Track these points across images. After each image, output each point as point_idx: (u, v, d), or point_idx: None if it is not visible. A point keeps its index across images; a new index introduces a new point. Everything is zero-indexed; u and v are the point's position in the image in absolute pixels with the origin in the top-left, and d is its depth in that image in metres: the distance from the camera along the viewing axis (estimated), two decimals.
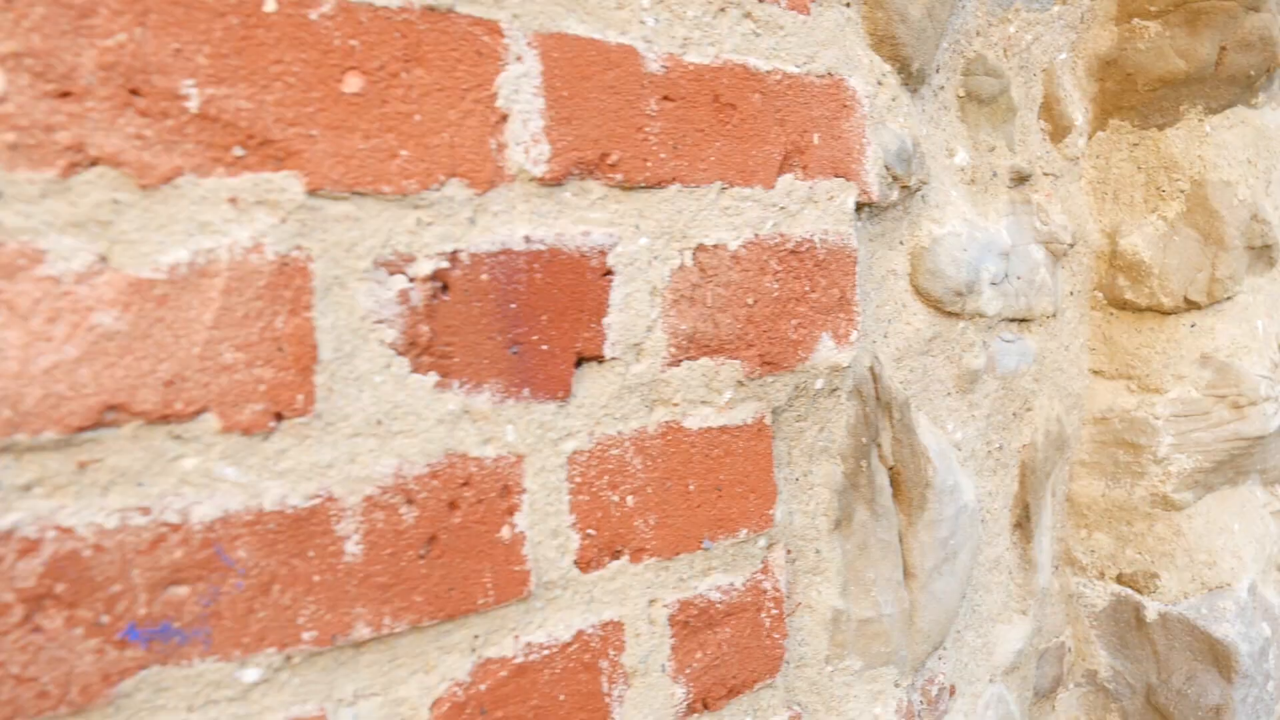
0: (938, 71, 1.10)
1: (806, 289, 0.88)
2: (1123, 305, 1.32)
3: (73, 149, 0.52)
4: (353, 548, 0.63)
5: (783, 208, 0.85)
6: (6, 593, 0.51)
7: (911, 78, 1.00)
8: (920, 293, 1.05)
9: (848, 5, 0.92)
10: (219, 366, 0.57)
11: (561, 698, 0.74)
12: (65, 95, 0.52)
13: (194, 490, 0.57)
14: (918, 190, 1.02)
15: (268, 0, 0.58)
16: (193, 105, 0.56)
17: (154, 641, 0.56)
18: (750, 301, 0.83)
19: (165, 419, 0.55)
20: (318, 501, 0.61)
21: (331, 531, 0.62)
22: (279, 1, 0.58)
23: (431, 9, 0.64)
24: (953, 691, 1.15)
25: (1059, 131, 1.28)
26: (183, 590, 0.57)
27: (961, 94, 1.14)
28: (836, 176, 0.90)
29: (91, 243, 0.53)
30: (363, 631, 0.63)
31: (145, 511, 0.55)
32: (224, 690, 0.58)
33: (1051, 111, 1.27)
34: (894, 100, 0.98)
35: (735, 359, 0.83)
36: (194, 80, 0.55)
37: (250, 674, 0.59)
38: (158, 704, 0.56)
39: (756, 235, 0.84)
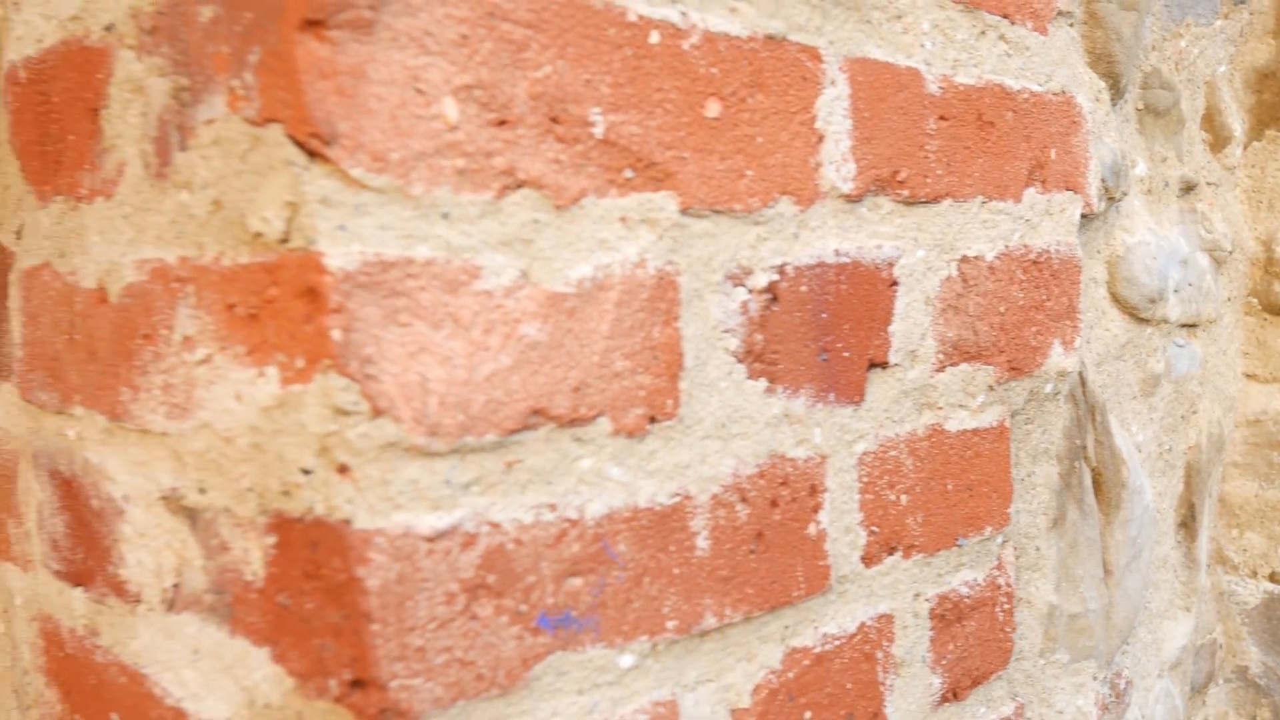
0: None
1: (1044, 297, 0.92)
2: (1278, 311, 1.36)
3: (505, 173, 0.57)
4: (702, 543, 0.67)
5: (1027, 220, 0.89)
6: (452, 583, 0.55)
7: (1118, 93, 1.04)
8: (1117, 300, 1.09)
9: (1071, 25, 0.96)
10: (612, 374, 0.61)
11: (848, 686, 0.78)
12: (502, 124, 0.56)
13: (589, 489, 0.61)
14: (1118, 201, 1.06)
15: (653, 33, 0.62)
16: (598, 131, 0.60)
17: (559, 629, 0.60)
18: (1002, 310, 0.87)
19: (572, 423, 0.60)
20: (678, 500, 0.65)
21: (687, 527, 0.66)
22: (661, 33, 0.62)
23: (771, 37, 0.68)
24: (1131, 685, 1.19)
25: (1219, 142, 1.32)
26: (578, 581, 0.61)
27: (1140, 107, 1.18)
28: (1067, 190, 0.94)
29: (516, 259, 0.57)
30: (710, 621, 0.67)
31: (553, 508, 0.59)
32: (606, 675, 0.63)
33: (1212, 122, 1.31)
34: (1107, 115, 1.02)
35: (989, 365, 0.87)
36: (600, 108, 0.60)
37: (626, 660, 0.63)
38: (556, 687, 0.60)
39: (1007, 246, 0.88)
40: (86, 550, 0.73)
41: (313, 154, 0.52)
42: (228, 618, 0.61)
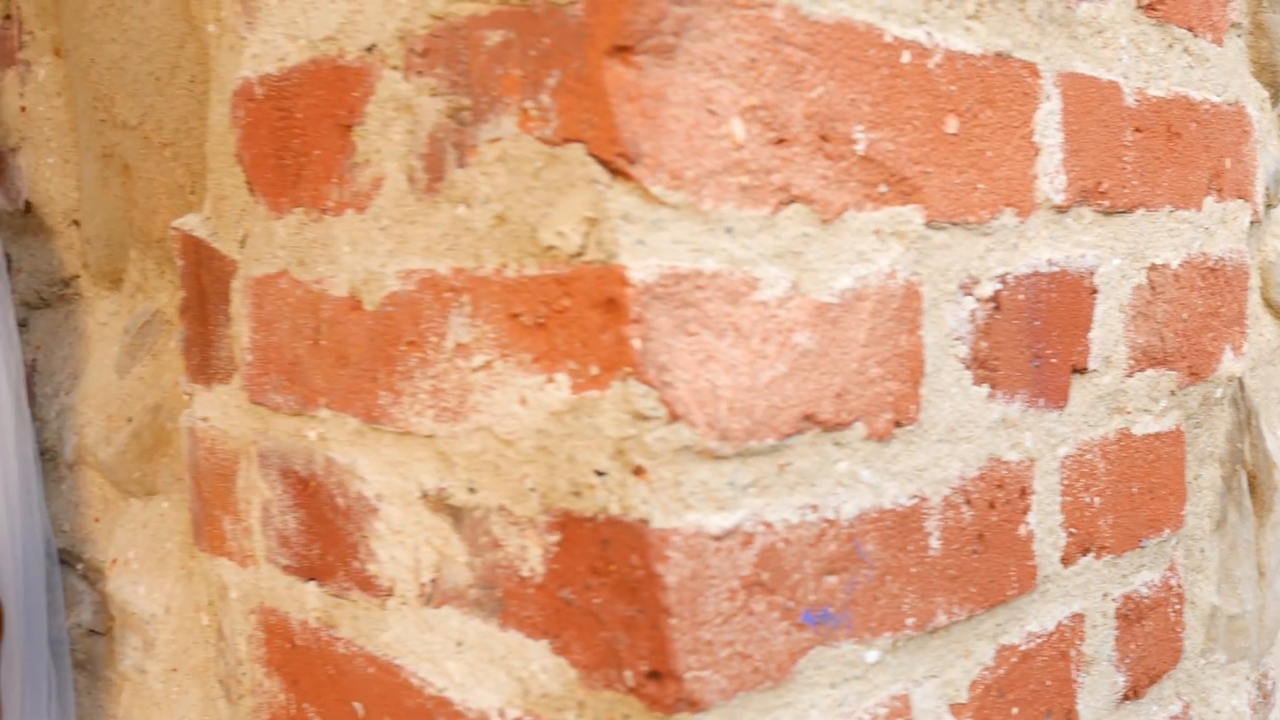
0: None
1: (1218, 304, 0.94)
2: None
3: (781, 189, 0.59)
4: (934, 543, 0.69)
5: (1205, 228, 0.91)
6: (734, 579, 0.58)
7: (1276, 101, 1.06)
8: (1270, 305, 1.10)
9: (1239, 36, 0.98)
10: (867, 380, 0.64)
11: (1048, 683, 0.81)
12: (781, 142, 0.59)
13: (844, 490, 0.64)
14: (1274, 208, 1.08)
15: (904, 53, 0.64)
16: (860, 148, 0.62)
17: (819, 625, 0.63)
18: (1184, 316, 0.89)
19: (834, 427, 0.62)
20: (916, 501, 0.68)
21: (922, 528, 0.68)
22: (911, 53, 0.65)
23: (1000, 54, 0.71)
24: (1276, 686, 1.21)
25: None
26: (834, 579, 0.63)
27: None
28: (1238, 198, 0.96)
29: (787, 271, 0.60)
30: (941, 619, 0.70)
31: (814, 509, 0.62)
32: (853, 669, 0.65)
33: None
34: (1269, 124, 1.04)
35: (1172, 370, 0.89)
36: (862, 126, 0.62)
37: (871, 655, 0.66)
38: (814, 681, 0.63)
39: (1189, 254, 0.90)
40: (324, 546, 0.77)
41: (615, 172, 0.55)
42: (497, 611, 0.64)
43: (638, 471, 0.56)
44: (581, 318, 0.57)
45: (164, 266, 1.09)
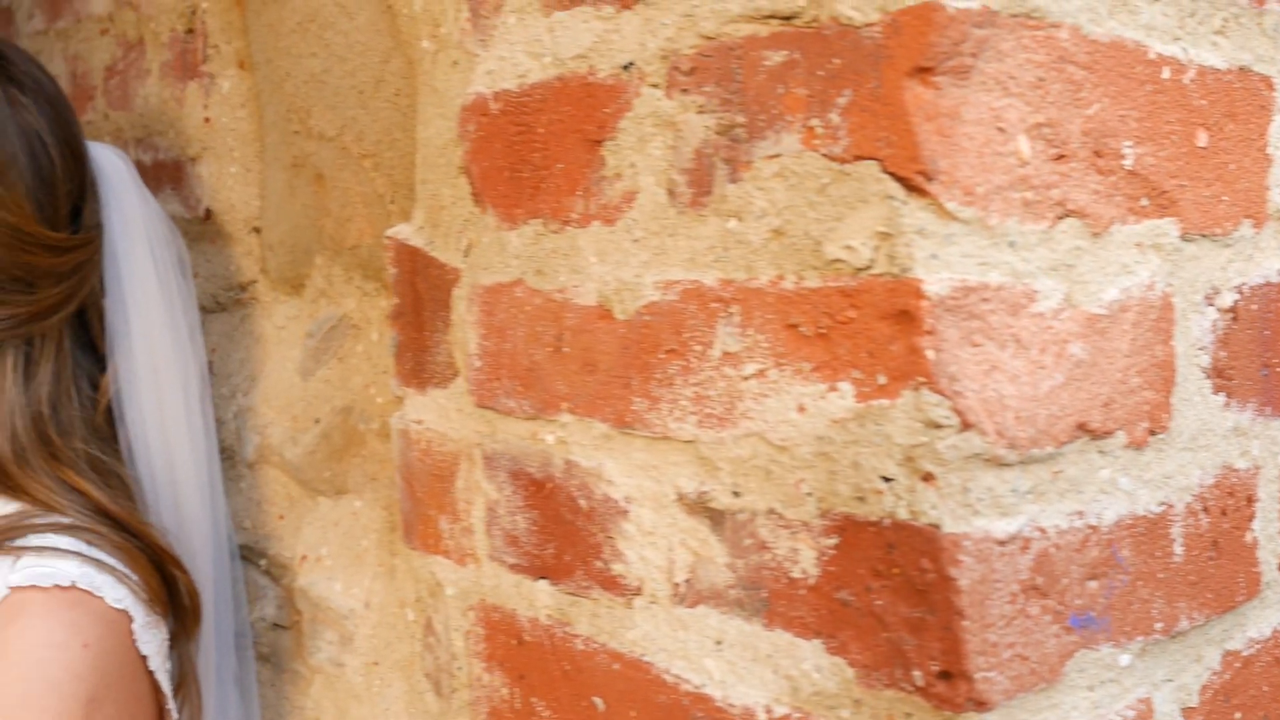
0: None
1: None
2: None
3: (1058, 204, 0.61)
4: (1178, 549, 0.70)
5: None
6: (1014, 583, 0.60)
7: None
8: None
9: None
10: (1128, 390, 0.65)
11: (1265, 689, 0.81)
12: (1060, 158, 0.61)
13: (1106, 498, 0.65)
14: None
15: (1164, 69, 0.66)
16: (1128, 163, 0.64)
17: (1083, 628, 0.64)
18: None
19: (1101, 436, 0.64)
20: (1164, 509, 0.69)
21: (1168, 534, 0.70)
22: (1170, 69, 0.66)
23: (1242, 69, 0.72)
24: None
25: None
26: (1095, 584, 0.65)
27: None
28: None
29: (1060, 283, 0.62)
30: (1184, 624, 0.71)
31: (1080, 515, 0.64)
32: (1109, 672, 0.67)
33: None
34: None
35: None
36: (1130, 141, 0.64)
37: (1124, 658, 0.67)
38: (1075, 683, 0.65)
39: None
40: (560, 546, 0.79)
41: (912, 189, 0.57)
42: (761, 611, 0.67)
43: (927, 478, 0.58)
44: (869, 329, 0.60)
45: (352, 273, 1.13)
